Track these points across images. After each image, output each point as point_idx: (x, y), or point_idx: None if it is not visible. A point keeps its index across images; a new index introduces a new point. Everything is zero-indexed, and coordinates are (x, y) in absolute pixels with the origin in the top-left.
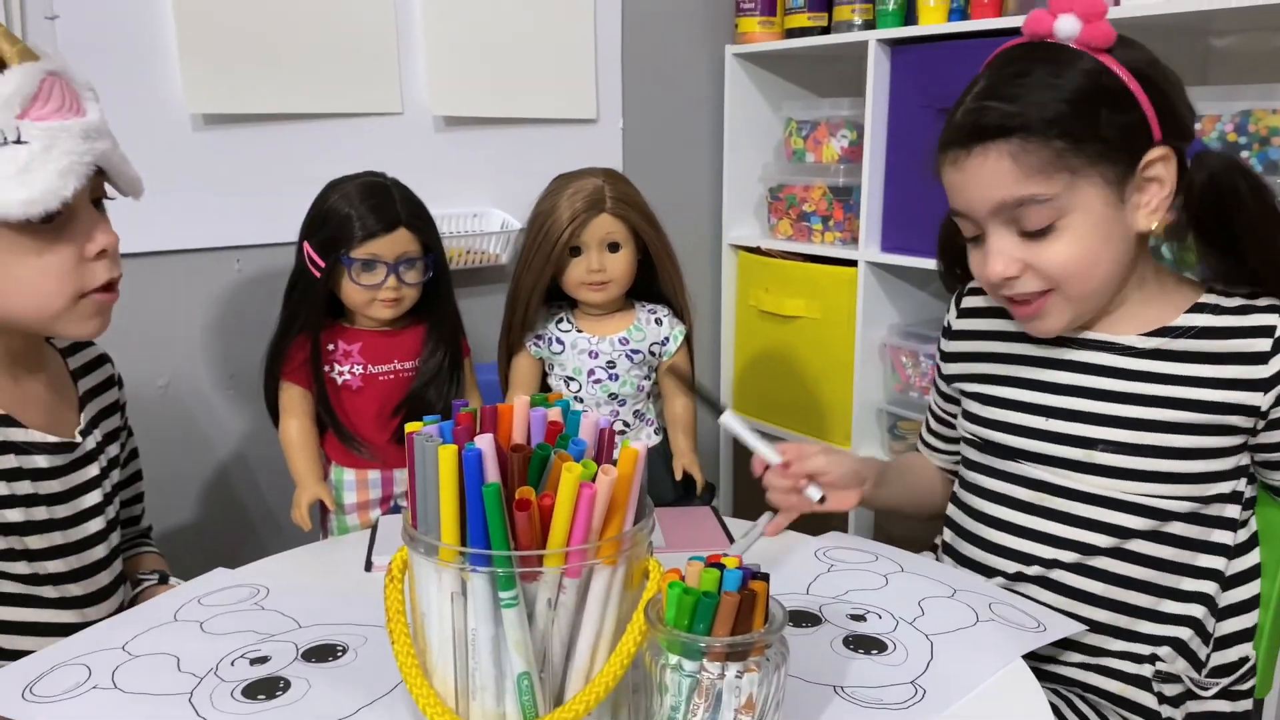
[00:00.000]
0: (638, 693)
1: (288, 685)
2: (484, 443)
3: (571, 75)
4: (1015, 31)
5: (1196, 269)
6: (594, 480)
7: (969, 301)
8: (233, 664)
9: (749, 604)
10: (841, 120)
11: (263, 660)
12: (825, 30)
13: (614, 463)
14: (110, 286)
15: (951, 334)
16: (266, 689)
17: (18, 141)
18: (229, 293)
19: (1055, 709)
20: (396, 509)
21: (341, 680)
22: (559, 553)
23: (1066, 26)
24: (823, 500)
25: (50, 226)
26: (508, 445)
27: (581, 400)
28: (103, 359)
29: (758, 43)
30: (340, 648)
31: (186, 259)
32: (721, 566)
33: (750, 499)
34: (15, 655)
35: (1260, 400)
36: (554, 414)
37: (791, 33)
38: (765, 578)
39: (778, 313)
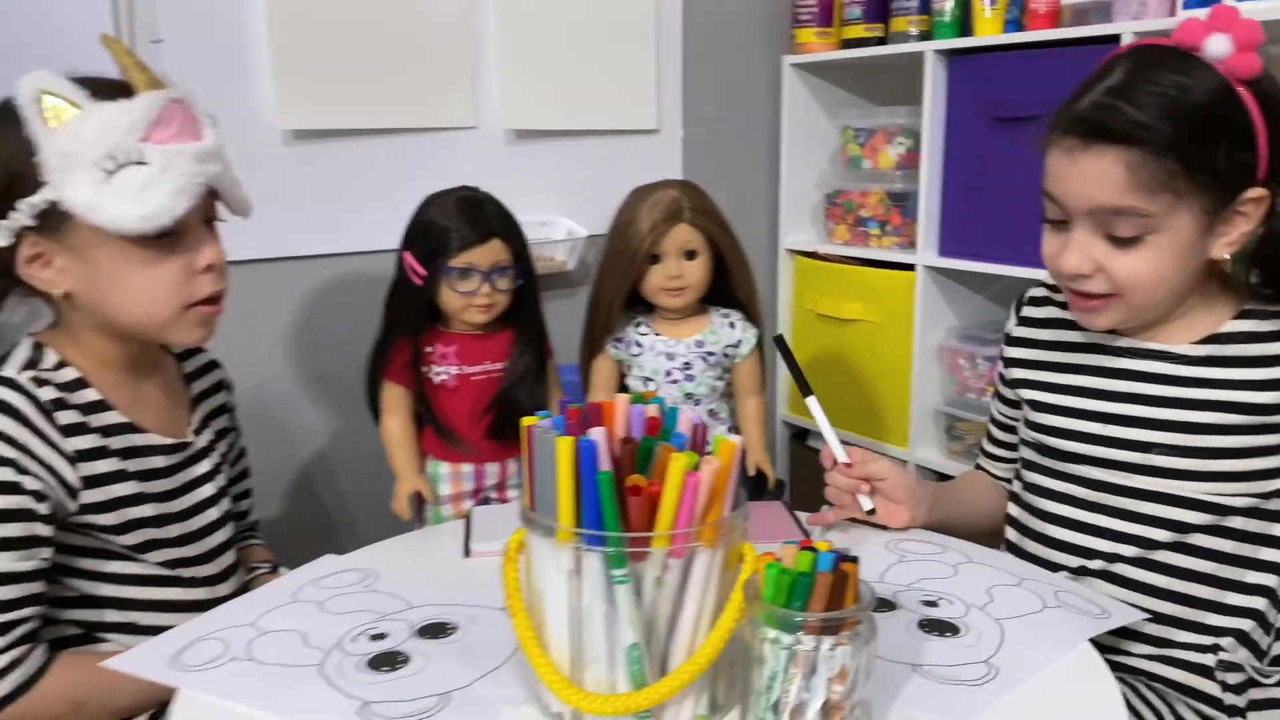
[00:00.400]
0: (735, 665)
1: (407, 659)
2: (597, 435)
3: (634, 88)
4: (1069, 43)
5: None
6: (697, 469)
7: (1028, 311)
8: (354, 639)
9: (840, 584)
10: (898, 128)
11: (381, 636)
12: (882, 41)
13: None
14: (215, 299)
15: (1012, 341)
16: (388, 662)
17: (139, 163)
18: (315, 299)
19: (1124, 697)
20: (486, 500)
21: (455, 654)
22: (666, 535)
23: (1217, 47)
24: (871, 513)
25: (163, 241)
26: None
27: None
28: (213, 364)
29: (815, 53)
30: (451, 625)
31: (276, 267)
32: (815, 550)
33: (806, 496)
34: (157, 630)
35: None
36: (652, 410)
37: (848, 43)
38: (855, 560)
39: (835, 316)
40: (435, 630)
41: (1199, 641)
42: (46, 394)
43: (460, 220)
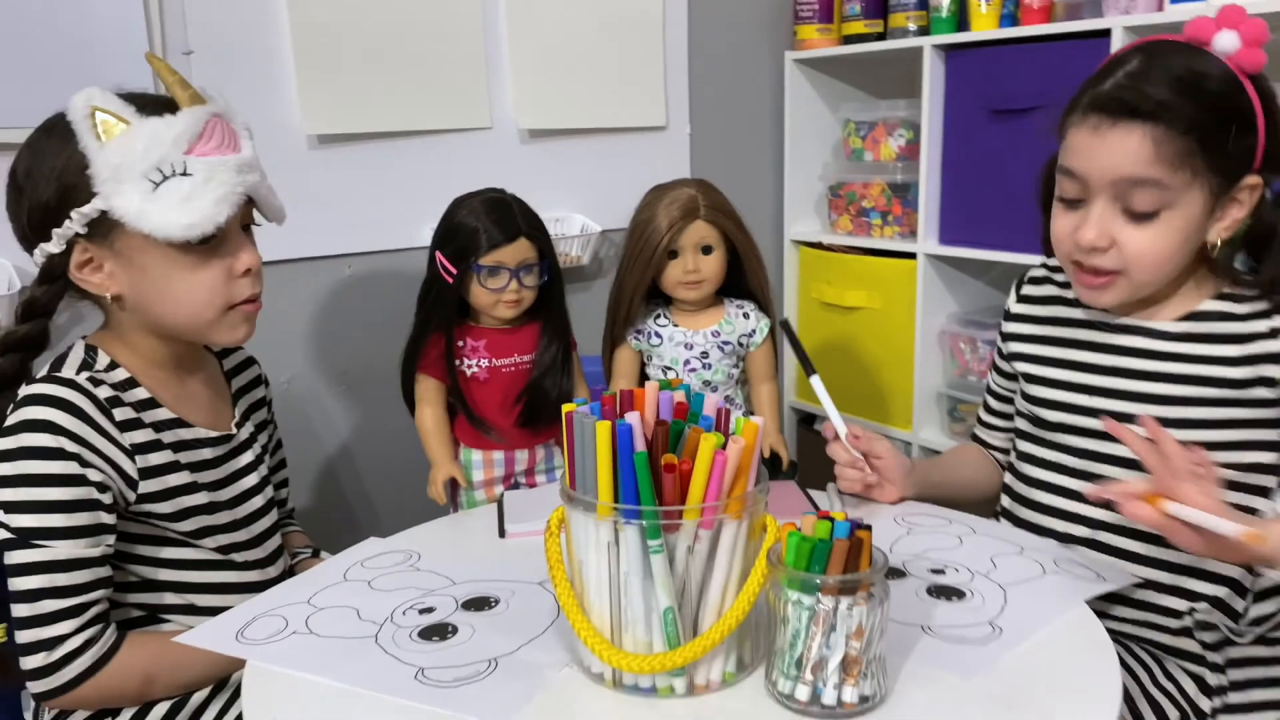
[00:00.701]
0: (759, 627)
1: (455, 629)
2: (633, 419)
3: (642, 86)
4: (1063, 37)
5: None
6: (724, 448)
7: (1027, 290)
8: (404, 613)
9: (856, 549)
10: (898, 120)
11: (429, 610)
12: (881, 36)
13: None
14: (254, 299)
15: (1011, 317)
16: (439, 632)
17: (184, 174)
18: (340, 296)
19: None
20: (516, 485)
21: (499, 625)
22: (696, 508)
23: (1226, 42)
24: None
25: (205, 247)
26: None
27: None
28: (251, 361)
29: (816, 48)
30: (493, 599)
31: (303, 266)
32: (832, 519)
33: (816, 477)
34: (215, 610)
35: (1276, 372)
36: (679, 396)
37: (848, 39)
38: (868, 528)
39: (839, 304)
40: (479, 604)
41: (1177, 606)
42: (103, 392)
43: (489, 221)
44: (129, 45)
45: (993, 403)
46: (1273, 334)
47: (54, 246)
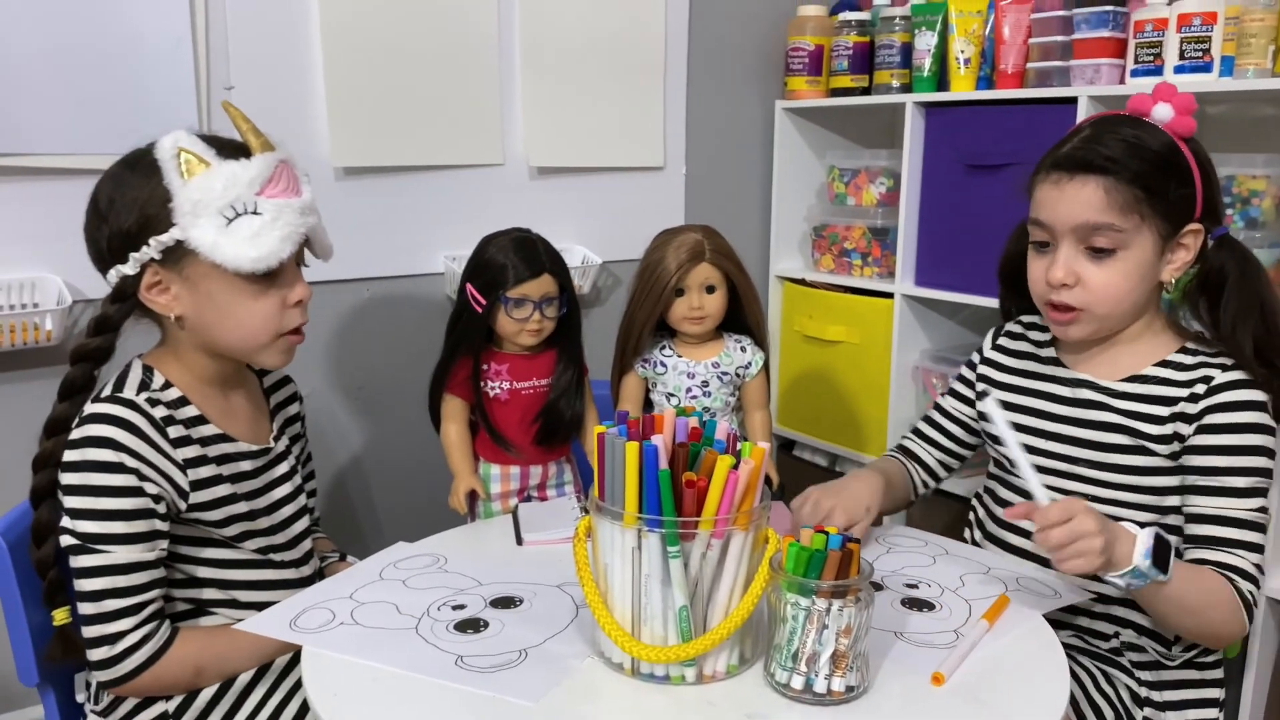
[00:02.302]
0: (758, 627)
1: (486, 624)
2: (658, 441)
3: (643, 129)
4: (1033, 101)
5: (1188, 321)
6: (736, 469)
7: (1004, 341)
8: (439, 609)
9: (847, 559)
10: (880, 169)
11: (461, 607)
12: (866, 90)
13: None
14: (299, 330)
15: (985, 361)
16: (472, 626)
17: (254, 213)
18: (358, 318)
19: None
20: (530, 498)
21: (525, 621)
22: (711, 519)
23: (1162, 112)
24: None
25: (265, 279)
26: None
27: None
28: (288, 379)
29: (805, 99)
30: (518, 598)
31: (325, 288)
32: (826, 533)
33: (795, 495)
34: (256, 605)
35: (1186, 430)
36: (693, 421)
37: (835, 92)
38: (858, 542)
39: (820, 337)
40: (505, 602)
41: (1105, 630)
42: (159, 412)
43: (516, 258)
44: (177, 80)
45: (938, 418)
46: (1192, 398)
47: (129, 269)
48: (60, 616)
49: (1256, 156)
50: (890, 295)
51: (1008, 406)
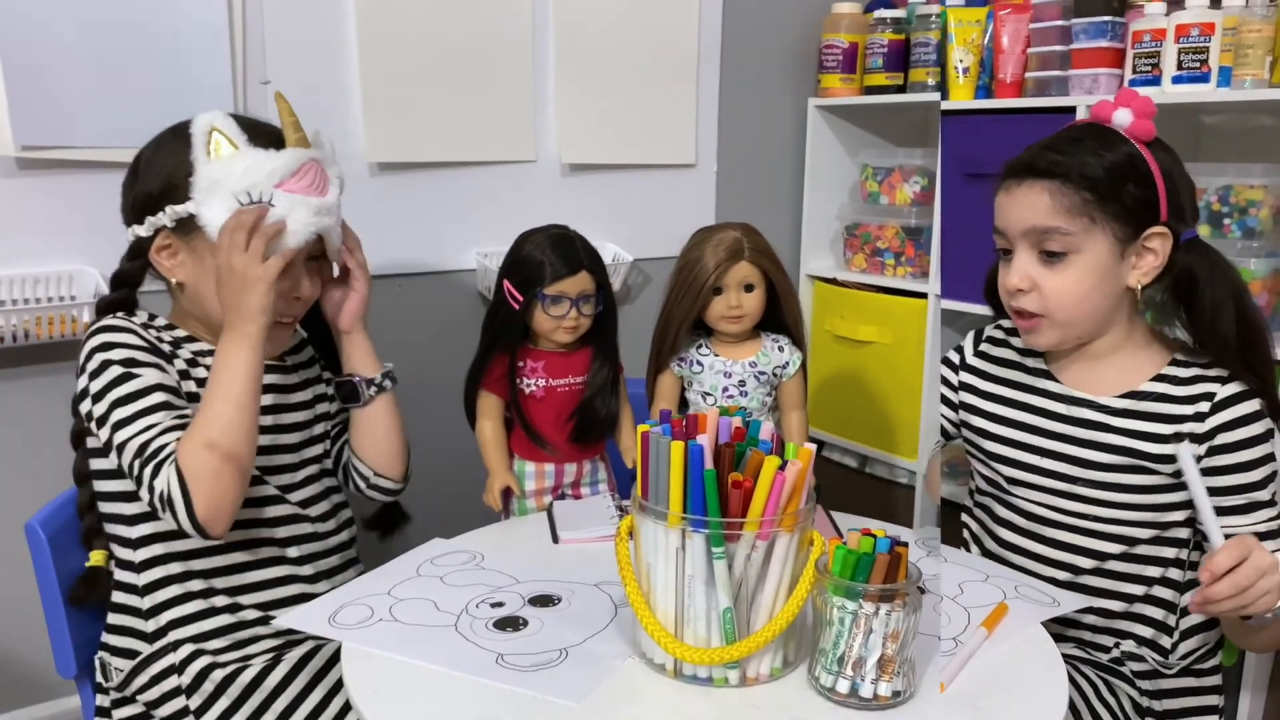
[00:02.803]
0: (802, 629)
1: (525, 622)
2: (704, 441)
3: (675, 126)
4: (1034, 110)
5: (1172, 330)
6: (783, 470)
7: (985, 348)
8: (477, 606)
9: (895, 562)
10: (914, 168)
11: (499, 604)
12: (901, 89)
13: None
14: (291, 323)
15: (966, 367)
16: (511, 624)
17: (269, 203)
18: (391, 312)
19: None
20: (564, 496)
21: (564, 619)
22: (756, 520)
23: (1121, 117)
24: None
25: None
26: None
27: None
28: (305, 343)
29: (838, 96)
30: (556, 597)
31: None
32: (874, 536)
33: (830, 497)
34: (276, 542)
35: (1199, 450)
36: (736, 422)
37: (869, 90)
38: (905, 545)
39: (852, 338)
40: (544, 600)
41: (1105, 643)
42: (151, 334)
43: (554, 255)
44: (214, 74)
45: (947, 427)
46: (1197, 417)
47: (144, 231)
48: (96, 558)
49: (1254, 166)
50: (924, 295)
51: (998, 420)
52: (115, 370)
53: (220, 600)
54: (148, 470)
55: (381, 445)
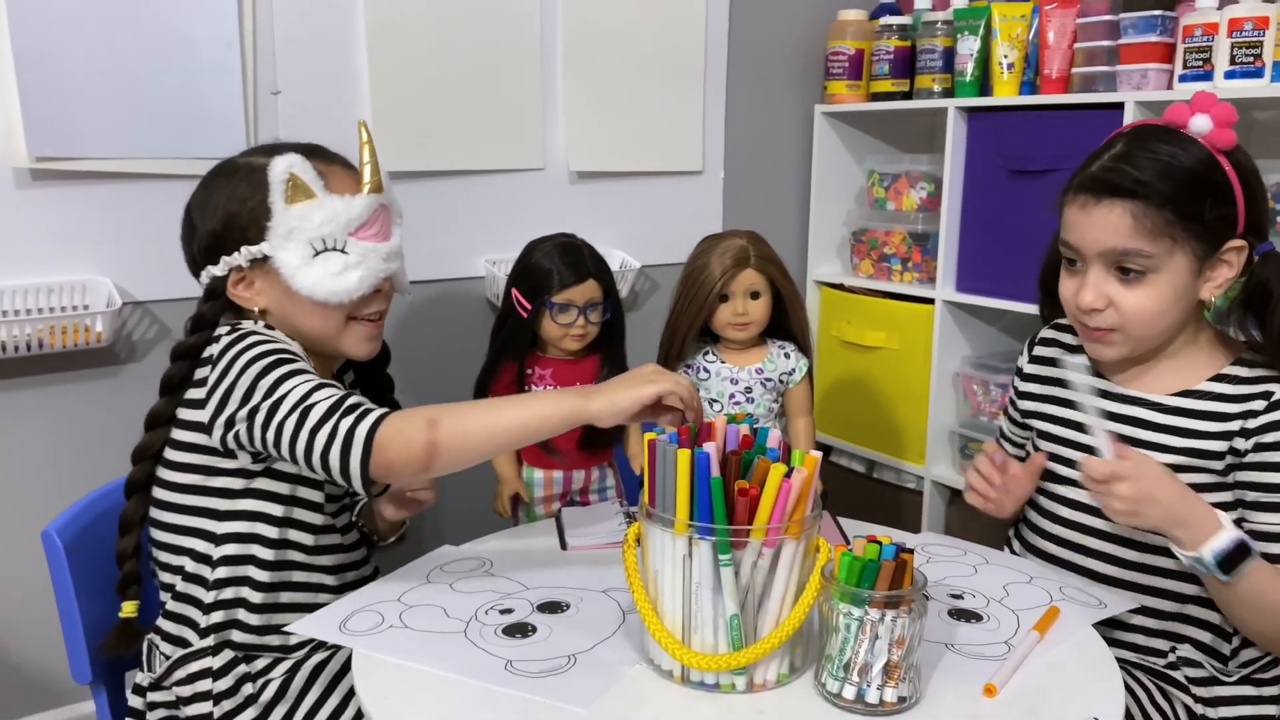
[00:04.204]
0: (808, 636)
1: (534, 629)
2: (710, 449)
3: (682, 133)
4: (1078, 107)
5: (1235, 331)
6: (789, 477)
7: (1039, 351)
8: (486, 613)
9: (900, 569)
10: (920, 174)
11: (508, 611)
12: (907, 95)
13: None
14: (378, 319)
15: (1024, 376)
16: (520, 630)
17: (341, 251)
18: (399, 320)
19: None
20: (573, 502)
21: (573, 626)
22: (763, 528)
23: (1200, 124)
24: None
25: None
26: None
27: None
28: (349, 363)
29: (845, 103)
30: (564, 603)
31: None
32: (880, 543)
33: (838, 503)
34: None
35: (1243, 445)
36: (744, 429)
37: (876, 96)
38: (911, 551)
39: (859, 343)
40: (552, 607)
41: (1161, 646)
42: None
43: (562, 263)
44: (225, 84)
45: (1006, 446)
46: (1249, 414)
47: (219, 270)
48: (128, 609)
49: None
50: (931, 301)
51: (1054, 421)
52: (270, 355)
53: (267, 617)
54: (348, 418)
55: (387, 535)
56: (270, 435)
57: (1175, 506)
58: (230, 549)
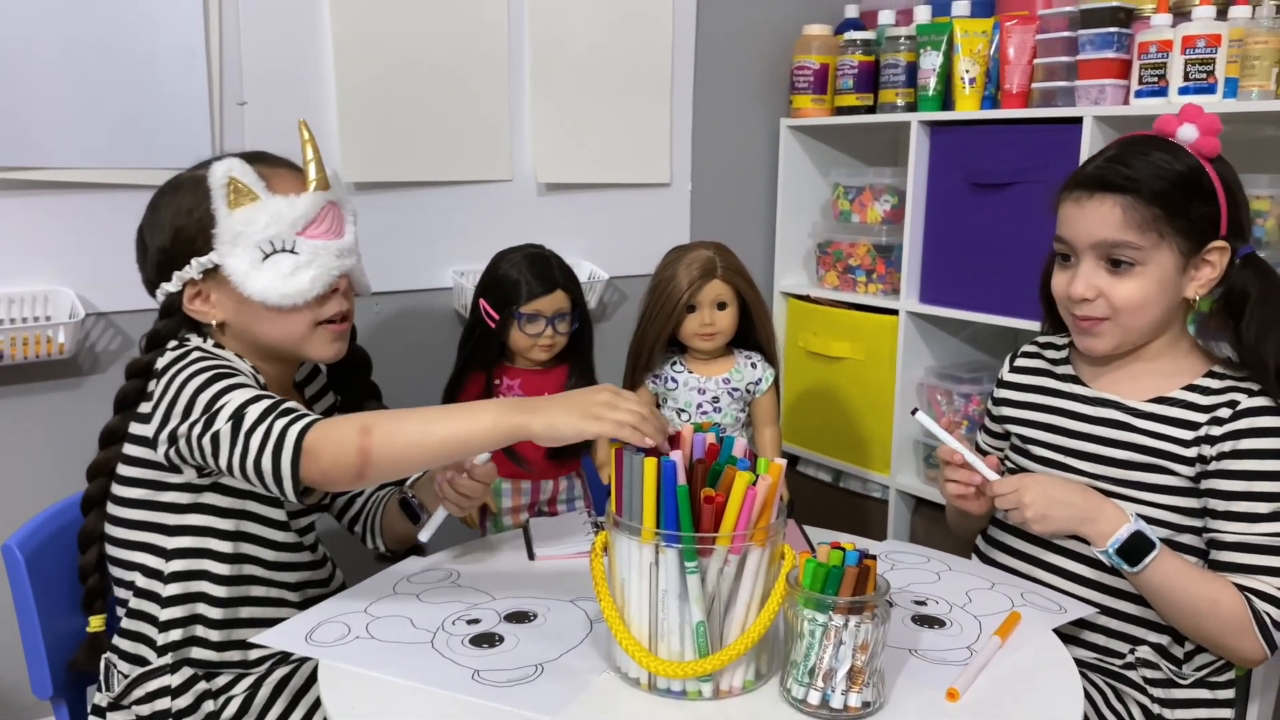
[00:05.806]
0: (773, 643)
1: (501, 639)
2: (677, 457)
3: (649, 146)
4: (1038, 121)
5: (1217, 346)
6: (754, 485)
7: (1021, 362)
8: (453, 623)
9: (864, 575)
10: (884, 187)
11: (475, 621)
12: (871, 109)
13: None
14: (343, 319)
15: (1004, 384)
16: (487, 640)
17: (291, 251)
18: (367, 331)
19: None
20: (540, 513)
21: (540, 636)
22: (729, 535)
23: (1187, 133)
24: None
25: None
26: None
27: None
28: (317, 371)
29: (810, 117)
30: (532, 613)
31: None
32: (843, 549)
33: (801, 513)
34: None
35: (1209, 452)
36: (710, 438)
37: (840, 110)
38: (874, 558)
39: (825, 354)
40: (519, 617)
41: (1119, 648)
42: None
43: (530, 274)
44: (190, 94)
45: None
46: (1215, 421)
47: (173, 286)
48: (96, 623)
49: (1260, 177)
50: (895, 312)
51: (1031, 425)
52: (210, 370)
53: (226, 633)
54: (281, 420)
55: (404, 541)
56: (208, 445)
57: (1081, 505)
58: (180, 564)
